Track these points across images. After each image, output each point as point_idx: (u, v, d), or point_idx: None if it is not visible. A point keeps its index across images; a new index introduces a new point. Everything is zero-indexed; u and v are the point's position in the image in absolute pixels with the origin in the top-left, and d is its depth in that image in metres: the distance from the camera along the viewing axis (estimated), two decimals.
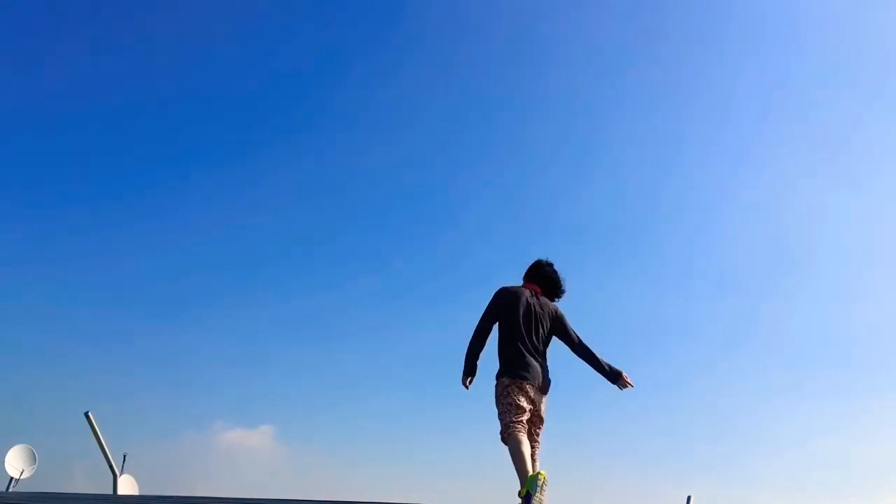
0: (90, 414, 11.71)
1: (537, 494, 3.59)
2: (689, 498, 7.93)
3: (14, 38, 22.77)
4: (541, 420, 4.21)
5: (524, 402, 4.03)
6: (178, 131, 24.62)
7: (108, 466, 11.90)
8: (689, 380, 21.88)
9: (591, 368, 4.34)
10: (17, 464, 12.15)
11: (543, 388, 4.20)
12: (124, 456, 12.18)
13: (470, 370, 4.20)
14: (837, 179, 23.77)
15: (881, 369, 19.96)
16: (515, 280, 4.50)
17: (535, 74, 24.55)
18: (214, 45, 24.70)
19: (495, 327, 4.27)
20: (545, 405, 4.23)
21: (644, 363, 21.84)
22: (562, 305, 4.46)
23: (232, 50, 24.58)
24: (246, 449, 19.83)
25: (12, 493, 10.73)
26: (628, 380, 4.32)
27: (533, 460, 4.06)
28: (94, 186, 24.57)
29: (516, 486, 3.74)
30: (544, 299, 4.39)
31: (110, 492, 11.70)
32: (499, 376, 4.14)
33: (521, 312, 4.21)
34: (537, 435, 4.20)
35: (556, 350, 4.36)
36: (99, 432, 11.72)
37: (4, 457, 12.10)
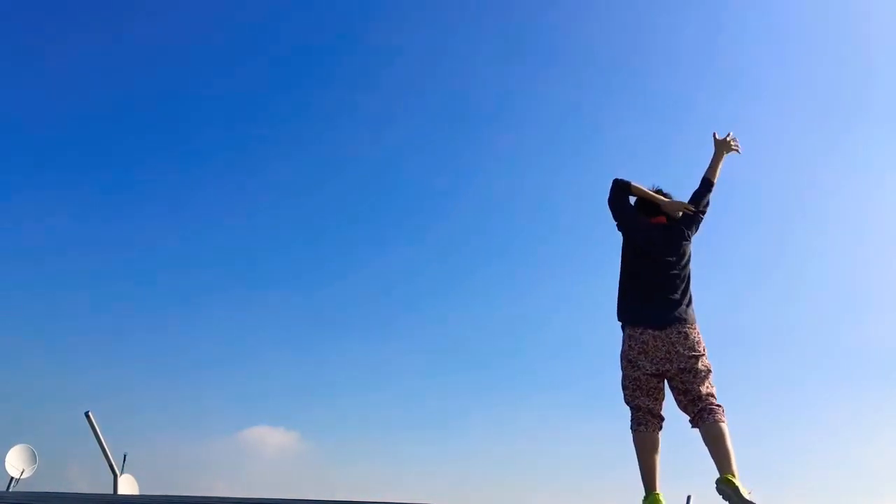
0: (90, 414, 11.73)
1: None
2: (688, 498, 7.91)
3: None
4: None
5: None
6: (178, 125, 24.30)
7: (108, 466, 11.90)
8: None
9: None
10: (17, 464, 12.15)
11: None
12: (124, 456, 12.19)
13: None
14: None
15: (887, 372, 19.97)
16: None
17: None
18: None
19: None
20: None
21: None
22: None
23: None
24: (249, 448, 19.85)
25: (12, 492, 10.73)
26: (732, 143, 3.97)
27: None
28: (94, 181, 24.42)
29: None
30: None
31: (111, 491, 11.70)
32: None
33: None
34: None
35: (558, 351, 4.31)
36: (99, 432, 11.72)
37: (5, 457, 12.10)
